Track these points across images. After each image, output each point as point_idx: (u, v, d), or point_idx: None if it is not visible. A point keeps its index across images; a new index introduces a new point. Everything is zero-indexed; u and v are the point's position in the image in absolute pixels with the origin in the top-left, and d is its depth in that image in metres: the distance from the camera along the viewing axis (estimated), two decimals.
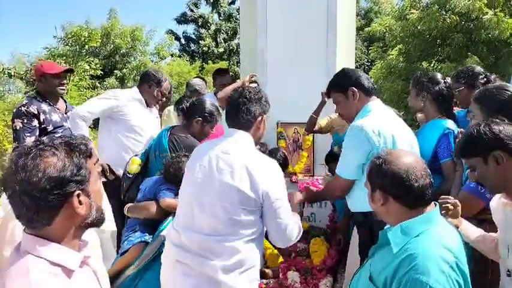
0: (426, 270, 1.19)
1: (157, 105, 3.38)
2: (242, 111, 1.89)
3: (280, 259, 2.99)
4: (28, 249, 1.04)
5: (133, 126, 3.09)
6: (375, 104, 2.21)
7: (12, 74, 9.36)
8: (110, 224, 2.51)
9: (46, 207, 1.03)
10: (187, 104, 2.88)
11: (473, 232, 1.74)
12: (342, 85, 2.23)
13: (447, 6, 9.26)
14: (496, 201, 1.65)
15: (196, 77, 5.27)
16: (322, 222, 3.53)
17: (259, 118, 1.92)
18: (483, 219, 1.92)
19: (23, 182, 1.00)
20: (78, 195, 1.08)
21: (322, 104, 3.31)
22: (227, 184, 1.75)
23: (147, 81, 3.18)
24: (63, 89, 3.04)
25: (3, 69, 9.42)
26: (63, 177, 1.04)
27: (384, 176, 1.37)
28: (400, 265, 1.25)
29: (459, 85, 2.65)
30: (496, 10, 8.61)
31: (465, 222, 1.74)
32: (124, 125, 3.06)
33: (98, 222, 1.16)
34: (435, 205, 1.41)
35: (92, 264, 1.18)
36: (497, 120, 1.55)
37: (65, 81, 3.03)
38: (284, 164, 3.12)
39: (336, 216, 3.49)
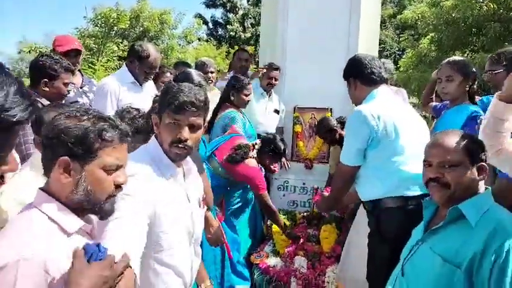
0: None
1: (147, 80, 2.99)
2: None
3: (288, 243, 2.99)
4: (35, 204, 1.06)
5: None
6: (381, 90, 2.18)
7: (44, 52, 9.61)
8: None
9: (44, 154, 1.06)
10: (172, 79, 2.71)
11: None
12: (345, 74, 2.27)
13: None
14: None
15: None
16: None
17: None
18: None
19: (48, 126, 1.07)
20: (65, 163, 1.04)
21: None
22: None
23: (130, 57, 2.90)
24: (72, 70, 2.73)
25: (35, 47, 9.71)
26: (61, 135, 1.03)
27: None
28: (490, 237, 1.25)
29: (497, 67, 2.42)
30: None
31: None
32: None
33: (90, 208, 1.10)
34: None
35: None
36: None
37: (73, 61, 2.84)
38: (276, 153, 2.88)
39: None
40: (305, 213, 3.45)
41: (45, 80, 2.35)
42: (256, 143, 2.86)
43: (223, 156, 2.73)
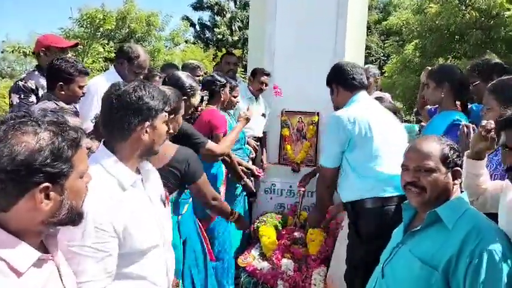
0: (495, 241, 1.26)
1: None
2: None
3: (274, 246, 2.99)
4: None
5: None
6: (361, 95, 2.29)
7: (27, 52, 9.47)
8: None
9: (2, 190, 0.86)
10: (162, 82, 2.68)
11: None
12: (328, 80, 2.39)
13: (467, 1, 9.04)
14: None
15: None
16: None
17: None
18: None
19: None
20: (46, 189, 0.89)
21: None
22: None
23: (119, 58, 2.86)
24: None
25: (18, 47, 9.55)
26: (31, 162, 0.85)
27: None
28: (466, 239, 1.28)
29: (474, 79, 2.46)
30: None
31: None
32: None
33: (68, 222, 0.98)
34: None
35: (56, 260, 1.03)
36: None
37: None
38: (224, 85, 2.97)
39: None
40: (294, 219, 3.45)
41: (61, 83, 2.36)
42: (203, 96, 2.87)
43: None
